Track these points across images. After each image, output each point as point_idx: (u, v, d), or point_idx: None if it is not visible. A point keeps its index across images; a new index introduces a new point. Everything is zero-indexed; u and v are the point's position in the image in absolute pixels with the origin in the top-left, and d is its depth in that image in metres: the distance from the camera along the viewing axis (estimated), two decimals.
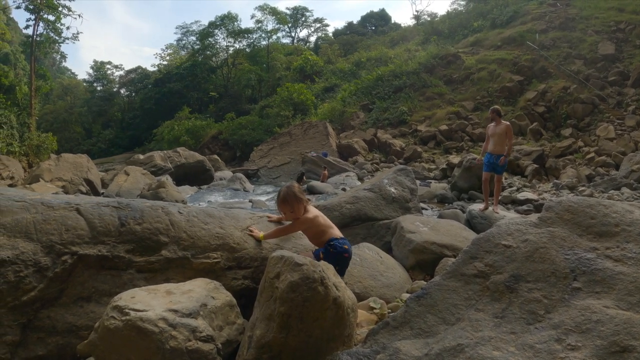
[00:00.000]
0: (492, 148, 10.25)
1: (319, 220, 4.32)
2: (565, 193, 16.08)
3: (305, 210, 4.30)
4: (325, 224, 4.37)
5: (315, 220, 4.29)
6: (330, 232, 4.31)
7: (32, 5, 36.59)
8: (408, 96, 36.47)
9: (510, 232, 3.42)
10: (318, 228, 4.32)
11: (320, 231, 4.33)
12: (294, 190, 4.27)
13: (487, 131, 10.53)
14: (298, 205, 4.23)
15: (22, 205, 3.74)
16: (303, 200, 4.28)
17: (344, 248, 4.22)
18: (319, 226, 4.32)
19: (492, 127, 10.32)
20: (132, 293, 3.12)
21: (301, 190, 4.41)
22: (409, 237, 6.69)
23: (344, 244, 4.24)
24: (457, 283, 3.26)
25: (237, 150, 44.30)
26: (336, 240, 4.23)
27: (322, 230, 4.32)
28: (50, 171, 18.91)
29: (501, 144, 10.14)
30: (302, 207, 4.27)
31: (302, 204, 4.26)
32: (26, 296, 3.45)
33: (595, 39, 33.06)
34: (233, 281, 4.07)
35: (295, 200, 4.22)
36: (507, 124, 10.25)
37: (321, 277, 2.95)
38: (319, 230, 4.33)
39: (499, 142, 10.15)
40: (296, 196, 4.24)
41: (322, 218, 4.37)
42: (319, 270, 2.98)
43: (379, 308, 4.88)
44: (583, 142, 24.19)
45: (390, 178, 8.75)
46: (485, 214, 9.85)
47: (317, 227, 4.32)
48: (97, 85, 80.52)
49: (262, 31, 66.06)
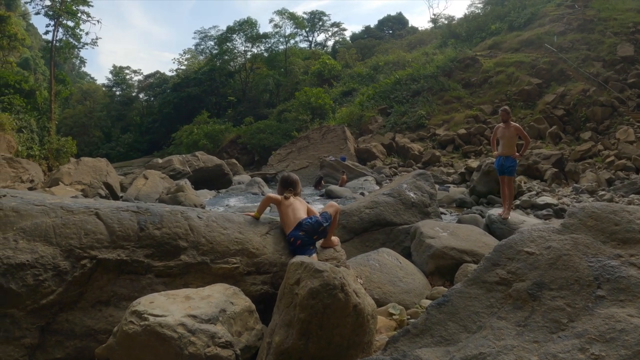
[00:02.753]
0: (501, 150, 10.11)
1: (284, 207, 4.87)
2: (585, 197, 15.85)
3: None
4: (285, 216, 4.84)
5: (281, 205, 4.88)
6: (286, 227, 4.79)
7: (52, 11, 37.08)
8: (426, 100, 36.22)
9: (532, 239, 3.36)
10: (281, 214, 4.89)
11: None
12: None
13: (496, 133, 10.35)
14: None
15: (42, 209, 3.76)
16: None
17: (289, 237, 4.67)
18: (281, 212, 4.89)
19: (502, 128, 10.16)
20: (150, 298, 3.12)
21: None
22: (428, 242, 6.64)
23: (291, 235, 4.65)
24: (479, 290, 3.21)
25: (255, 154, 44.36)
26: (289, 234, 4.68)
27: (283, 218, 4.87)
28: (69, 175, 19.04)
29: (511, 146, 10.00)
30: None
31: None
32: (45, 299, 3.47)
33: (614, 41, 32.58)
34: (252, 286, 4.07)
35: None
36: (516, 125, 10.13)
37: (342, 283, 2.92)
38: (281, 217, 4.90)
39: (508, 144, 9.99)
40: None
41: (285, 209, 4.86)
42: (340, 277, 2.95)
43: (398, 314, 4.84)
44: (603, 146, 23.81)
45: (410, 183, 8.69)
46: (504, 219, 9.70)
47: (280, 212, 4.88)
48: (116, 90, 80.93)
49: (280, 36, 66.18)
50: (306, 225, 4.55)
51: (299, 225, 4.56)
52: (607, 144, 23.87)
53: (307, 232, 4.53)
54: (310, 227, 4.55)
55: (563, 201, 15.15)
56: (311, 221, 4.61)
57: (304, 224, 4.56)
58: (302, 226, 4.55)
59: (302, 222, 4.59)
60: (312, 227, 4.56)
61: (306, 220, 4.61)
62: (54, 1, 37.14)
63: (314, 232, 4.58)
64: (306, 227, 4.54)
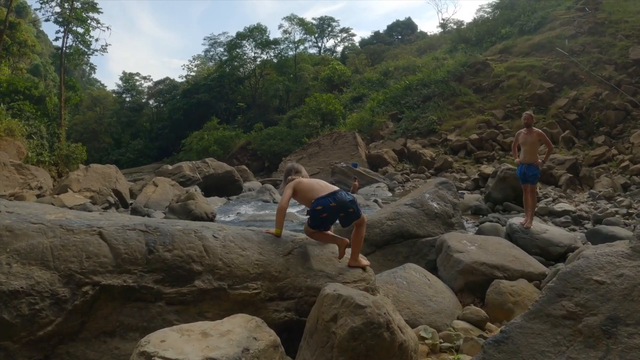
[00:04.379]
0: (523, 157, 9.69)
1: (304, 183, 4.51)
2: (603, 204, 15.42)
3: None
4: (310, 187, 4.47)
5: (299, 183, 4.51)
6: (314, 194, 4.35)
7: (61, 17, 37.19)
8: (437, 105, 35.86)
9: (601, 266, 2.91)
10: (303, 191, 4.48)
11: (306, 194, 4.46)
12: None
13: (517, 139, 9.92)
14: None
15: (39, 227, 3.37)
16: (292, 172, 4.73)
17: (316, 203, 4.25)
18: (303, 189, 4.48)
19: (524, 134, 9.73)
20: (162, 335, 2.68)
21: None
22: (457, 257, 6.24)
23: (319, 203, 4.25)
24: (542, 325, 2.77)
25: (265, 160, 44.14)
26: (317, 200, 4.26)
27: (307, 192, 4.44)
28: (78, 181, 18.83)
29: (533, 153, 9.59)
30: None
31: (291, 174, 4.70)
32: (42, 331, 3.11)
33: (625, 44, 32.07)
34: (274, 314, 3.65)
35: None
36: (539, 130, 9.72)
37: (387, 321, 2.50)
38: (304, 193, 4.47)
39: (530, 150, 9.59)
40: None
41: (307, 182, 4.53)
42: (384, 313, 2.53)
43: (430, 338, 4.50)
44: (617, 150, 23.37)
45: (432, 192, 8.27)
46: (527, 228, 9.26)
47: (302, 190, 4.48)
48: (126, 96, 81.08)
49: (290, 41, 66.04)
50: (340, 197, 4.19)
51: (332, 194, 4.19)
52: (621, 149, 23.45)
53: (339, 205, 4.17)
54: (343, 202, 4.18)
55: (580, 208, 14.75)
56: (348, 196, 4.26)
57: (339, 195, 4.20)
58: (335, 195, 4.19)
59: (338, 191, 4.24)
60: (345, 202, 4.19)
61: (343, 192, 4.25)
62: (63, 8, 37.28)
63: (344, 208, 4.21)
64: (340, 198, 4.17)
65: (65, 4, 37.21)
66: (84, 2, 38.35)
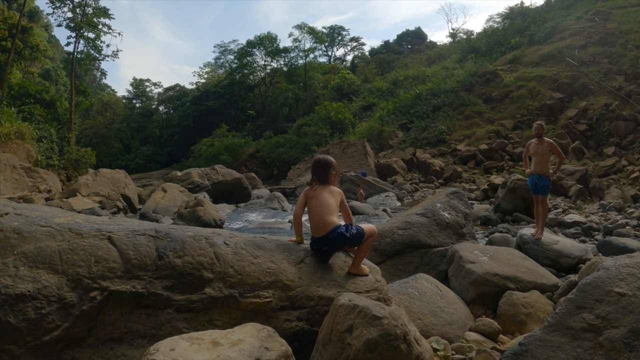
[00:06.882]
0: (534, 168, 9.60)
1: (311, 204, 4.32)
2: (613, 215, 15.30)
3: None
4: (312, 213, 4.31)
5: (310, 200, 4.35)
6: (312, 224, 4.27)
7: (73, 23, 37.53)
8: (447, 115, 35.81)
9: (622, 277, 2.84)
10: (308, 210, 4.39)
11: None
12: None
13: (528, 149, 9.83)
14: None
15: (47, 231, 3.32)
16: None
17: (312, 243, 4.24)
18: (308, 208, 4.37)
19: (535, 144, 9.64)
20: (171, 343, 2.61)
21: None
22: (469, 267, 6.15)
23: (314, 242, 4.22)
24: (562, 338, 2.70)
25: (274, 168, 44.14)
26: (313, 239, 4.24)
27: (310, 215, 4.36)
28: (87, 186, 18.84)
29: (544, 163, 9.50)
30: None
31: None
32: (48, 336, 3.04)
33: (635, 54, 31.94)
34: (285, 323, 3.57)
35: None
36: (550, 141, 9.61)
37: (404, 332, 2.43)
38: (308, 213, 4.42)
39: (541, 161, 9.50)
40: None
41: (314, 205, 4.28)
42: (401, 324, 2.46)
43: (442, 349, 4.39)
44: (627, 161, 23.22)
45: (443, 202, 8.19)
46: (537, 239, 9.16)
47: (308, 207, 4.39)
48: (136, 102, 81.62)
49: (300, 50, 66.22)
50: (333, 239, 4.10)
51: (325, 237, 4.09)
52: (631, 159, 23.31)
53: (331, 248, 4.15)
54: (335, 244, 4.15)
55: (591, 219, 14.62)
56: (341, 237, 4.13)
57: (332, 238, 4.10)
58: (328, 238, 4.09)
59: (331, 235, 4.10)
60: (337, 244, 4.16)
61: (335, 233, 4.10)
62: (75, 13, 37.68)
63: (340, 246, 4.20)
64: (333, 240, 4.09)
65: (77, 10, 37.59)
66: (96, 8, 38.75)
